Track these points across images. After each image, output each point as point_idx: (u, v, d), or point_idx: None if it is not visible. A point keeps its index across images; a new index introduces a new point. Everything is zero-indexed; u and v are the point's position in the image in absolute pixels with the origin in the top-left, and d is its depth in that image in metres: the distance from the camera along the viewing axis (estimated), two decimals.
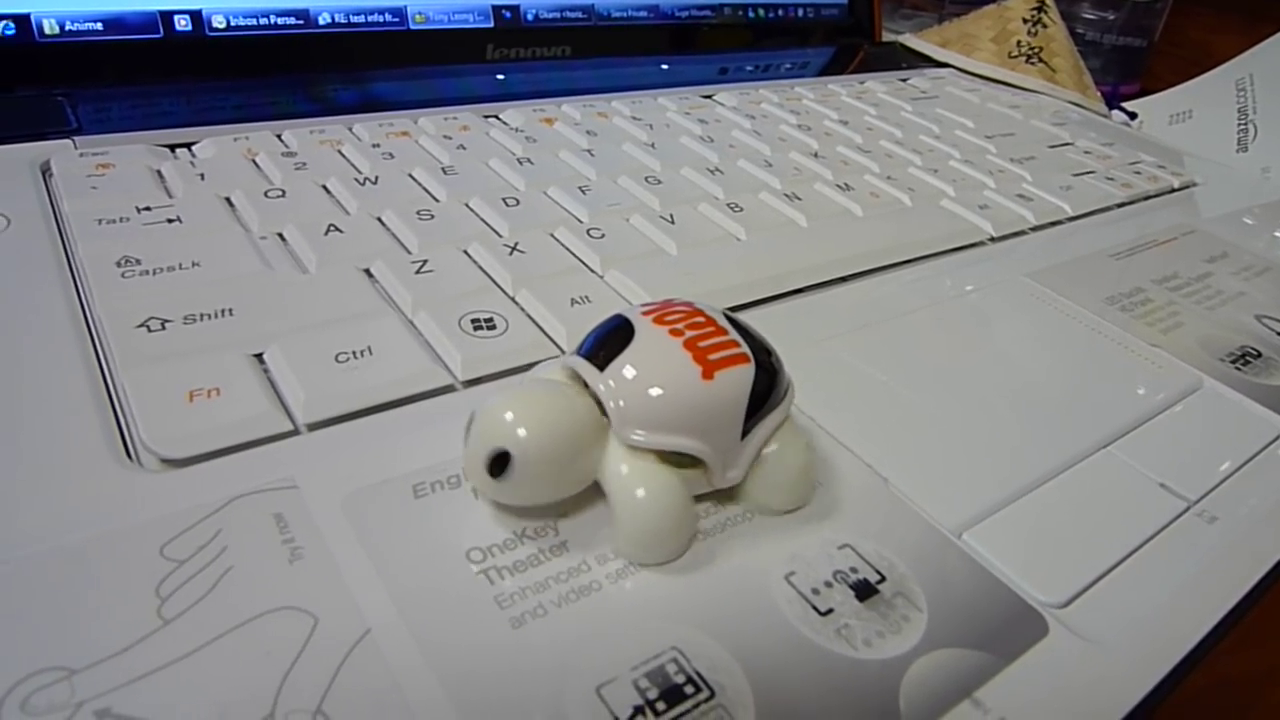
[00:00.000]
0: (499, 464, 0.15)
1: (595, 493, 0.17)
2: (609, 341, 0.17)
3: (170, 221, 0.24)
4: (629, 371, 0.16)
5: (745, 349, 0.17)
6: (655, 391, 0.16)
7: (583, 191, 0.29)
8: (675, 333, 0.17)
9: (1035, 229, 0.34)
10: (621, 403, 0.16)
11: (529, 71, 0.43)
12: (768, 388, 0.17)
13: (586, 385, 0.17)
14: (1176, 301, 0.29)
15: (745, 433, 0.17)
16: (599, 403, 0.16)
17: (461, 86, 0.40)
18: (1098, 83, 0.56)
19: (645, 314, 0.17)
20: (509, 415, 0.16)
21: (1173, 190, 0.41)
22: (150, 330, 0.20)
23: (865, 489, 0.19)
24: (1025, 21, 0.54)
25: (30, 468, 0.16)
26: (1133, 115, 0.54)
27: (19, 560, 0.14)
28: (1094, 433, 0.22)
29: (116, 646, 0.13)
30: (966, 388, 0.23)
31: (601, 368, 0.16)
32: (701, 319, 0.17)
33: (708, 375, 0.16)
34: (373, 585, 0.15)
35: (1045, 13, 0.54)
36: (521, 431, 0.15)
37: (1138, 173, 0.41)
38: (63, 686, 0.13)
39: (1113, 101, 0.56)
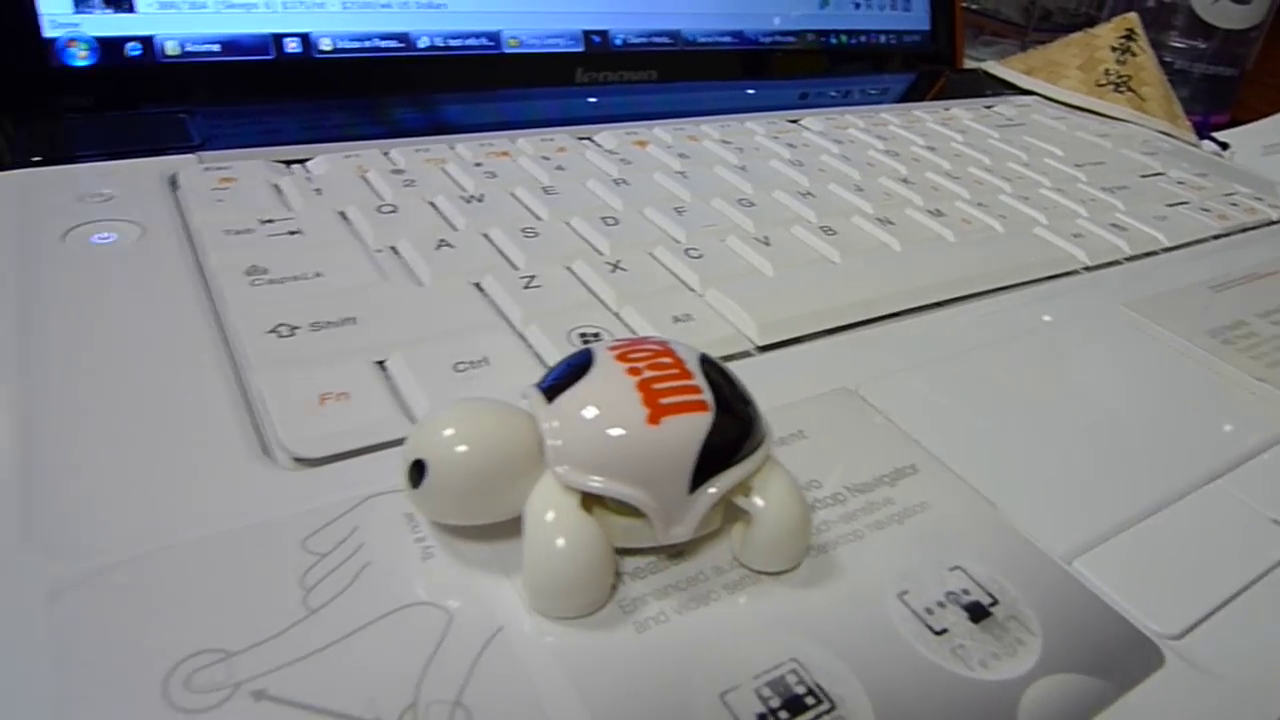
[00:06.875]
0: (416, 472, 0.15)
1: None
2: (568, 375, 0.16)
3: (292, 234, 0.25)
4: (572, 407, 0.15)
5: (707, 396, 0.16)
6: (594, 430, 0.15)
7: (679, 212, 0.30)
8: (633, 371, 0.16)
9: (1130, 259, 0.34)
10: (559, 441, 0.15)
11: (615, 95, 0.44)
12: (730, 441, 0.16)
13: None
14: None
15: (695, 486, 0.15)
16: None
17: (551, 109, 0.41)
18: (1187, 112, 0.55)
19: (610, 349, 0.16)
20: (439, 426, 0.15)
21: (1271, 223, 0.40)
22: (280, 336, 0.21)
23: (974, 513, 0.19)
24: (1114, 50, 0.54)
25: (178, 462, 0.17)
26: (1225, 145, 0.53)
27: (176, 547, 0.15)
28: (1201, 465, 0.22)
29: (269, 632, 0.14)
30: (1070, 415, 0.23)
31: (551, 400, 0.16)
32: (668, 359, 0.16)
33: (654, 420, 0.15)
34: (501, 585, 0.15)
35: (1134, 41, 0.54)
36: (444, 444, 0.15)
37: (1234, 204, 0.40)
38: (222, 667, 0.13)
39: (1203, 131, 0.55)
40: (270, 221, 0.26)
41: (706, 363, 0.17)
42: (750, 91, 0.48)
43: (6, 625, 0.14)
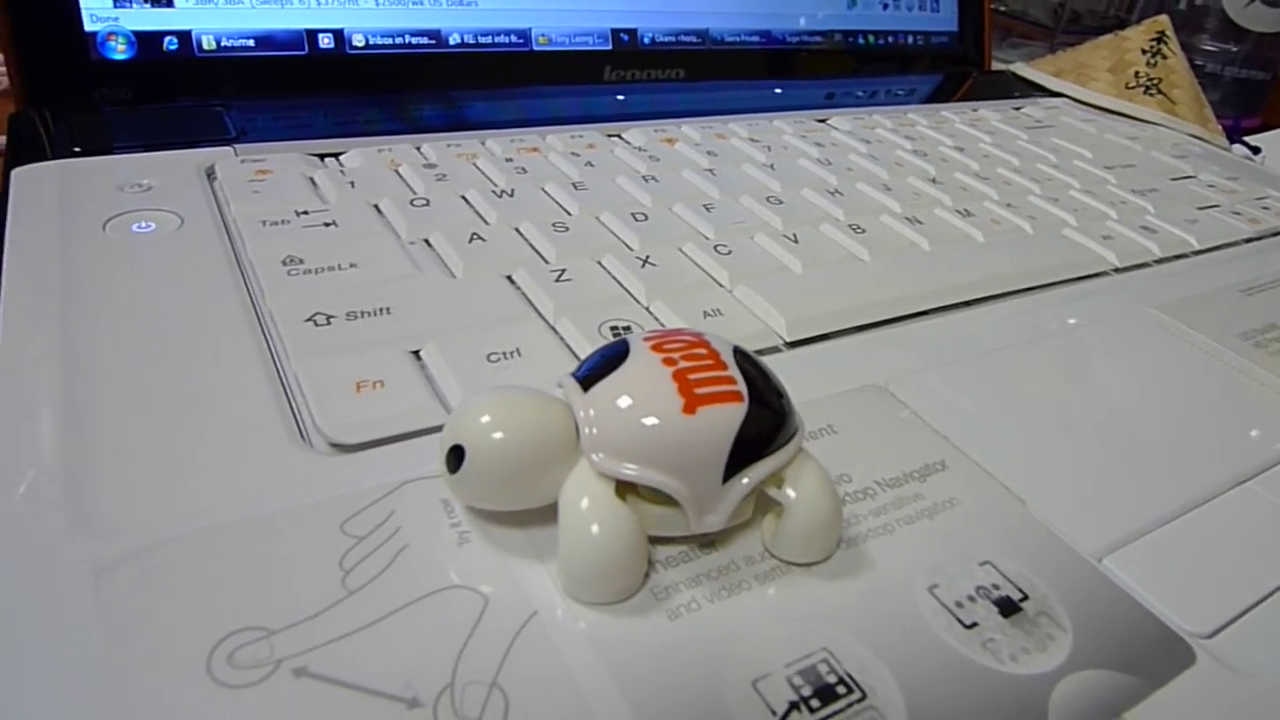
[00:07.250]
0: (454, 458, 0.15)
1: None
2: (604, 364, 0.16)
3: (327, 225, 0.26)
4: (608, 396, 0.16)
5: (741, 388, 0.16)
6: (630, 419, 0.15)
7: (707, 209, 0.30)
8: (668, 361, 0.16)
9: (1160, 261, 0.33)
10: (594, 430, 0.15)
11: (644, 93, 0.44)
12: (764, 432, 0.16)
13: None
14: None
15: (728, 476, 0.16)
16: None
17: (580, 106, 0.41)
18: (1217, 116, 0.54)
19: (646, 339, 0.17)
20: (477, 412, 0.16)
21: None
22: (317, 325, 0.21)
23: (1003, 509, 0.19)
24: (1144, 52, 0.53)
25: (218, 447, 0.18)
26: (1256, 150, 0.52)
27: (217, 528, 0.16)
28: (1231, 467, 0.22)
29: (309, 611, 0.14)
30: (1099, 416, 0.23)
31: (586, 390, 0.16)
32: (703, 350, 0.16)
33: (689, 409, 0.15)
34: (536, 570, 0.16)
35: (1165, 43, 0.53)
36: (482, 430, 0.15)
37: (1265, 208, 0.40)
38: (263, 645, 0.14)
39: (1234, 135, 0.54)
40: (305, 213, 0.26)
41: (740, 355, 0.17)
42: (778, 91, 0.48)
43: (55, 602, 0.14)
